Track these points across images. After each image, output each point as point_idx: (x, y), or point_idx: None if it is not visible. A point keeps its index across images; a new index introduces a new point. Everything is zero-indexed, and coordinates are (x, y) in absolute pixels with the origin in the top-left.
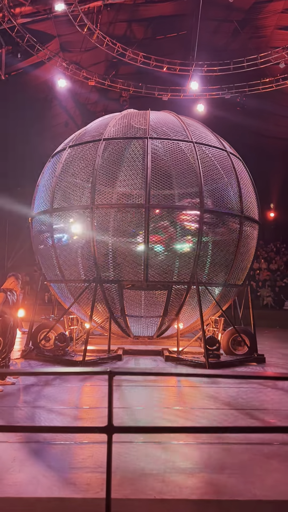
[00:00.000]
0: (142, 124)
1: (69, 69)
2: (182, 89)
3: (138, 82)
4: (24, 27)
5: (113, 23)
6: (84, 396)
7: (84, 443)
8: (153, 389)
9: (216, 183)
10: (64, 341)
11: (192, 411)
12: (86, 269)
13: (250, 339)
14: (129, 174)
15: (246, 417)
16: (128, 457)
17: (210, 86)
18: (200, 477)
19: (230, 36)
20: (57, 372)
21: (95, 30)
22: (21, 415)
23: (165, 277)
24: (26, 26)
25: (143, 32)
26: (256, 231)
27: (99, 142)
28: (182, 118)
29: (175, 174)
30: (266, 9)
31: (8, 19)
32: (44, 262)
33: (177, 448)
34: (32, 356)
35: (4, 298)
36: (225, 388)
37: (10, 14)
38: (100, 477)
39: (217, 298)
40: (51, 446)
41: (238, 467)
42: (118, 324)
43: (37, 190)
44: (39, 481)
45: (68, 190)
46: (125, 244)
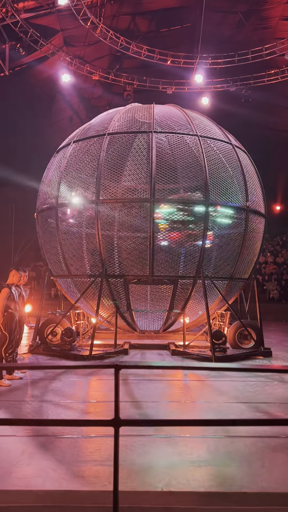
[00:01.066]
0: (147, 118)
1: (73, 63)
2: (186, 82)
3: (142, 75)
4: (28, 22)
5: (116, 16)
6: (91, 390)
7: (91, 437)
8: (160, 383)
9: (221, 176)
10: (71, 335)
11: (199, 405)
12: (91, 264)
13: (256, 332)
14: (133, 169)
15: (253, 410)
16: (135, 450)
17: (215, 79)
18: (207, 469)
19: (234, 27)
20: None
21: (99, 24)
22: (29, 409)
23: (170, 271)
24: (29, 21)
25: (147, 25)
26: (262, 225)
27: (103, 137)
28: (186, 112)
29: (180, 168)
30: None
31: (11, 14)
32: (50, 257)
33: (184, 441)
34: (39, 351)
35: (8, 293)
36: (231, 381)
37: (13, 9)
38: (107, 470)
39: (223, 292)
40: (58, 439)
41: (245, 460)
42: (124, 318)
43: (43, 185)
44: (47, 474)
45: (73, 185)
46: (130, 238)
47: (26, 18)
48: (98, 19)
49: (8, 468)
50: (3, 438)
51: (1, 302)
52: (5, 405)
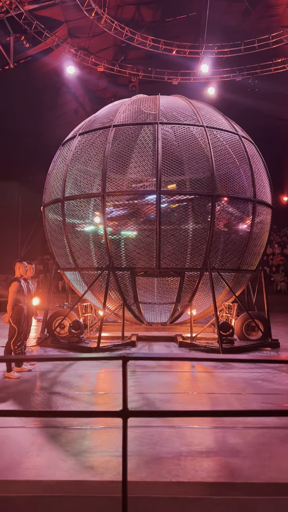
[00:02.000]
0: (152, 110)
1: (78, 55)
2: (192, 72)
3: (147, 66)
4: (32, 13)
5: (121, 6)
6: (99, 382)
7: (100, 428)
8: (167, 374)
9: (228, 167)
10: (79, 328)
11: (207, 396)
12: (98, 257)
13: (264, 324)
14: (139, 161)
15: (260, 401)
16: (144, 441)
17: (221, 69)
18: (216, 460)
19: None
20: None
21: (103, 15)
22: (37, 401)
23: (177, 263)
24: (33, 12)
25: (152, 15)
26: (269, 216)
27: (109, 129)
28: (192, 102)
29: (186, 160)
30: None
31: (15, 6)
32: (57, 251)
33: (192, 432)
34: (47, 343)
35: (18, 287)
36: (239, 373)
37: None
38: (116, 460)
39: (230, 284)
40: (67, 431)
41: (254, 451)
42: (132, 311)
43: (48, 178)
44: (57, 465)
45: (79, 178)
46: (137, 231)
47: (30, 10)
48: (102, 9)
49: (18, 458)
50: (13, 430)
51: (11, 296)
52: (15, 397)
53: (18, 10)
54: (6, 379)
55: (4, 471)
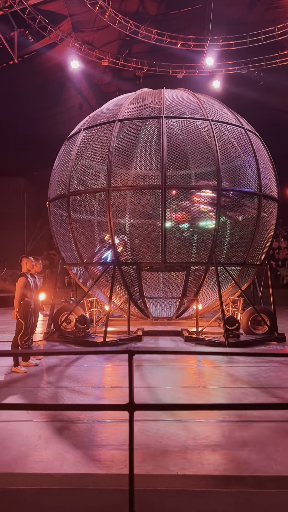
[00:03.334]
0: (157, 104)
1: (82, 49)
2: (197, 65)
3: (152, 60)
4: (35, 8)
5: None
6: (105, 376)
7: (106, 422)
8: (173, 368)
9: (233, 161)
10: (85, 323)
11: (213, 390)
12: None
13: (270, 318)
14: (144, 155)
15: (267, 395)
16: (150, 435)
17: (226, 62)
18: (222, 453)
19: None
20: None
21: (107, 8)
22: (44, 395)
23: (183, 258)
24: (37, 7)
25: (156, 8)
26: (275, 210)
27: (113, 123)
28: (197, 96)
29: (192, 154)
30: None
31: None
32: (62, 246)
33: (198, 425)
34: (54, 338)
35: (25, 282)
36: (245, 367)
37: None
38: (123, 454)
39: (236, 278)
40: (74, 424)
41: (260, 444)
42: (137, 305)
43: (54, 173)
44: (64, 458)
45: (84, 173)
46: (142, 226)
47: (34, 4)
48: (106, 3)
49: (26, 452)
50: (20, 423)
51: (18, 291)
52: (22, 391)
53: (22, 4)
54: (13, 374)
55: (12, 464)
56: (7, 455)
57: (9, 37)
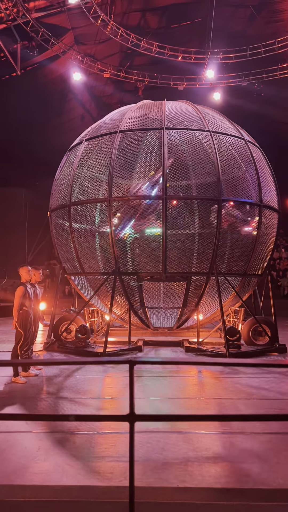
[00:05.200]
0: (158, 115)
1: (84, 61)
2: (198, 78)
3: (153, 72)
4: (38, 21)
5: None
6: (105, 387)
7: (106, 433)
8: (174, 379)
9: (234, 172)
10: (85, 333)
11: (214, 401)
12: (105, 262)
13: (271, 329)
14: (146, 166)
15: (268, 406)
16: (151, 447)
17: (227, 74)
18: (223, 466)
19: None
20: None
21: (109, 21)
22: (44, 405)
23: (183, 268)
24: (40, 20)
25: (157, 21)
26: (275, 220)
27: (115, 135)
28: (198, 107)
29: (192, 164)
30: None
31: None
32: (63, 256)
33: (199, 437)
34: (54, 348)
35: (24, 291)
36: (246, 378)
37: (24, 8)
38: (123, 465)
39: (237, 288)
40: (74, 435)
41: (261, 456)
42: (138, 315)
43: (55, 184)
44: (63, 470)
45: (85, 183)
46: (143, 236)
47: (37, 18)
48: (108, 16)
49: (25, 463)
50: (19, 434)
51: (17, 300)
52: (21, 401)
53: (25, 18)
54: (13, 384)
55: (12, 475)
56: (6, 466)
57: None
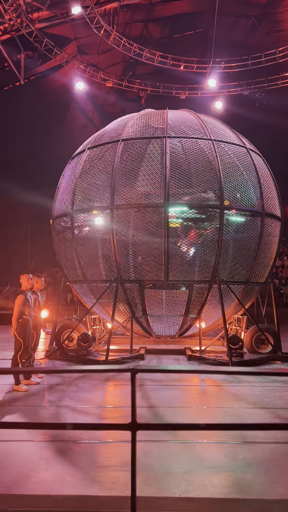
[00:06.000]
0: (160, 124)
1: (87, 71)
2: (200, 87)
3: (156, 81)
4: (42, 31)
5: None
6: (107, 395)
7: (108, 442)
8: (176, 388)
9: (236, 180)
10: (87, 341)
11: (216, 410)
12: (107, 269)
13: (273, 337)
14: (148, 174)
15: (271, 415)
16: (153, 456)
17: (228, 83)
18: (226, 475)
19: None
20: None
21: (112, 32)
22: (46, 414)
23: (186, 276)
24: (43, 30)
25: (160, 32)
26: (278, 228)
27: (117, 143)
28: (200, 116)
29: (194, 173)
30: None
31: (26, 25)
32: (65, 263)
33: (201, 446)
34: (56, 356)
35: (24, 300)
36: (249, 387)
37: (28, 19)
38: (125, 475)
39: (239, 296)
40: (76, 444)
41: (264, 466)
42: (140, 323)
43: (58, 192)
44: (65, 479)
45: (88, 191)
46: (145, 243)
47: (40, 28)
48: (111, 27)
49: (26, 473)
50: (21, 443)
51: (17, 309)
52: (23, 410)
53: (29, 28)
54: (15, 392)
55: (13, 485)
56: (8, 476)
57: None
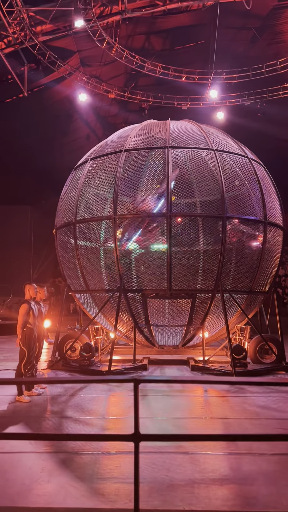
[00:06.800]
0: (162, 134)
1: (90, 83)
2: (201, 97)
3: (158, 92)
4: (45, 44)
5: (131, 36)
6: (110, 406)
7: (111, 454)
8: (180, 398)
9: (238, 189)
10: (90, 351)
11: (220, 421)
12: (109, 279)
13: (277, 347)
14: (150, 184)
15: (276, 426)
16: (156, 468)
17: (230, 94)
18: (230, 488)
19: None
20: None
21: (114, 44)
22: (48, 425)
23: (189, 285)
24: (47, 43)
25: (161, 44)
26: (280, 237)
27: (120, 154)
28: (202, 127)
29: (197, 182)
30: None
31: (29, 38)
32: (68, 273)
33: (205, 458)
34: (58, 366)
35: (28, 309)
36: (253, 397)
37: (32, 32)
38: (128, 487)
39: (242, 305)
40: (79, 456)
41: (269, 478)
42: (143, 333)
43: (61, 202)
44: (67, 491)
45: (91, 201)
46: (148, 253)
47: (44, 41)
48: (113, 39)
49: (29, 484)
50: (23, 455)
51: (21, 318)
52: (25, 421)
53: (33, 41)
54: (17, 403)
55: (15, 497)
56: (10, 488)
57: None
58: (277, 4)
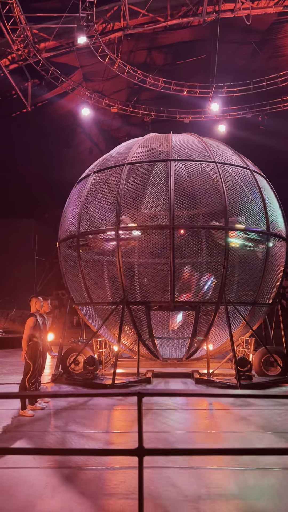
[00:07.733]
0: (165, 147)
1: (92, 97)
2: (203, 111)
3: (160, 106)
4: (49, 60)
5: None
6: (114, 420)
7: (116, 469)
8: (184, 412)
9: (240, 201)
10: (93, 364)
11: (225, 434)
12: (113, 291)
13: (282, 359)
14: (153, 196)
15: (282, 439)
16: (161, 483)
17: (231, 107)
18: (236, 503)
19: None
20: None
21: (116, 59)
22: (52, 440)
23: (192, 297)
24: (50, 59)
25: (163, 59)
26: (284, 248)
27: (122, 167)
28: (204, 139)
29: (199, 195)
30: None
31: (33, 54)
32: (72, 286)
33: (211, 473)
34: (62, 380)
35: (34, 322)
36: (258, 410)
37: (35, 49)
38: (132, 503)
39: (246, 317)
40: (82, 471)
41: (276, 493)
42: (147, 346)
43: (64, 215)
44: (71, 508)
45: (94, 214)
46: (151, 265)
47: (47, 57)
48: (115, 55)
49: (32, 501)
50: (26, 470)
51: (27, 331)
52: (29, 435)
53: (36, 57)
54: (21, 417)
55: None
56: (13, 504)
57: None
58: (276, 18)
